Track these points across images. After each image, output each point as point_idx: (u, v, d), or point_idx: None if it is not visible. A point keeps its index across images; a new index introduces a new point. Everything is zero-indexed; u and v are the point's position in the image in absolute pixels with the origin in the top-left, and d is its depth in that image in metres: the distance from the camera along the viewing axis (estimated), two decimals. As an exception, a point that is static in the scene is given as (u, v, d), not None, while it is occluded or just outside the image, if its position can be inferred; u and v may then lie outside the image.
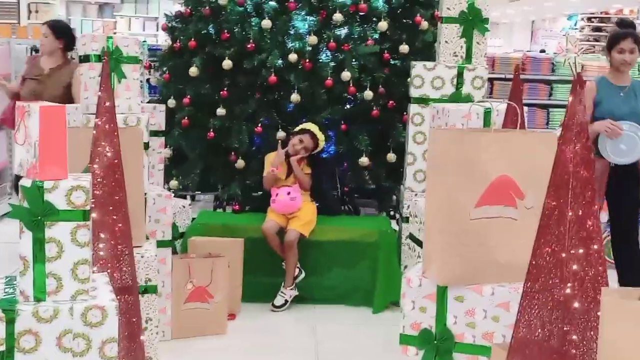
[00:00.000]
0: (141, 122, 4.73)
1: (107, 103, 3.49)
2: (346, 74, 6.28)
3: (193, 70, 6.49)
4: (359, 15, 6.56)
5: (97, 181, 3.43)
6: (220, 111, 6.47)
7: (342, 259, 6.10)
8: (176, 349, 5.22)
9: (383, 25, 6.42)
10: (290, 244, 5.93)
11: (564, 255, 2.87)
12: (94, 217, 3.27)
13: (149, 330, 4.52)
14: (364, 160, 6.36)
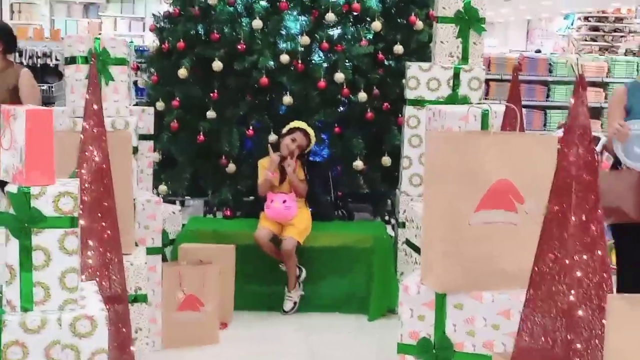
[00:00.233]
0: (130, 126, 4.68)
1: (95, 106, 3.43)
2: (339, 76, 6.22)
3: (182, 72, 6.41)
4: (352, 15, 6.50)
5: (85, 187, 3.37)
6: (210, 114, 6.39)
7: (337, 266, 6.03)
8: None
9: (377, 25, 6.36)
10: (288, 253, 5.86)
11: (568, 261, 2.82)
12: (82, 224, 3.22)
13: (139, 340, 4.47)
14: (359, 164, 6.30)
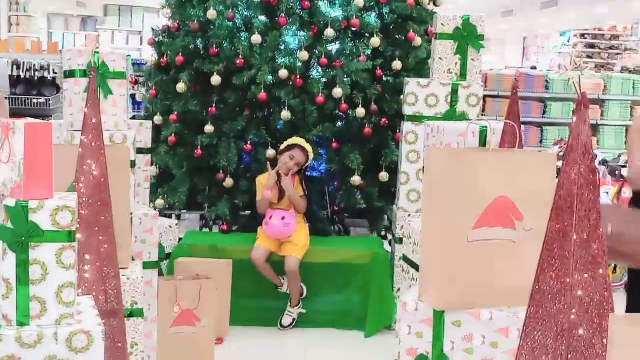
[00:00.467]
0: (127, 140, 4.65)
1: (94, 119, 3.39)
2: (337, 91, 6.20)
3: (180, 86, 6.39)
4: (351, 30, 6.49)
5: (83, 200, 3.33)
6: (208, 128, 6.37)
7: (333, 281, 6.01)
8: (162, 374, 5.11)
9: (375, 41, 6.34)
10: (292, 272, 5.84)
11: (569, 280, 2.79)
12: (79, 238, 3.17)
13: (135, 355, 4.39)
14: (356, 179, 6.26)
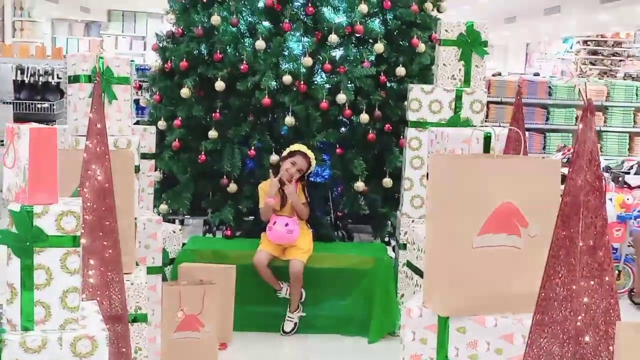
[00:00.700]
0: (132, 145, 4.65)
1: (99, 125, 3.39)
2: (342, 97, 6.18)
3: (184, 91, 6.38)
4: (355, 36, 6.48)
5: (87, 206, 3.33)
6: (212, 134, 6.35)
7: (337, 287, 5.99)
8: (166, 380, 5.09)
9: (379, 47, 6.33)
10: (297, 275, 5.84)
11: (575, 287, 2.79)
12: (84, 243, 3.17)
13: (139, 360, 4.41)
14: (360, 185, 6.24)
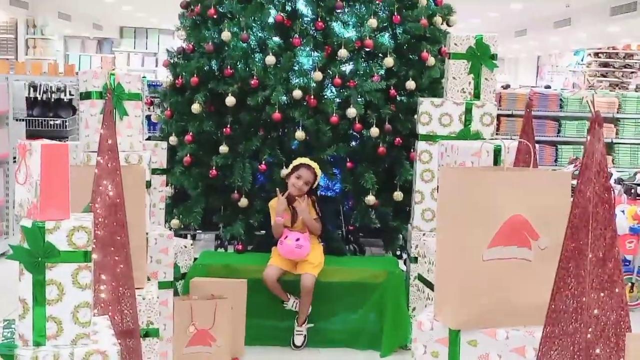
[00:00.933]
0: (143, 160, 4.66)
1: (110, 141, 3.41)
2: (352, 111, 6.18)
3: (195, 107, 6.40)
4: (365, 51, 6.48)
5: (99, 221, 3.35)
6: (223, 149, 6.36)
7: (349, 301, 5.98)
8: (178, 395, 5.11)
9: (389, 61, 6.34)
10: (308, 290, 5.82)
11: (585, 299, 2.78)
12: (95, 258, 3.18)
13: (150, 375, 4.41)
14: (370, 198, 6.23)
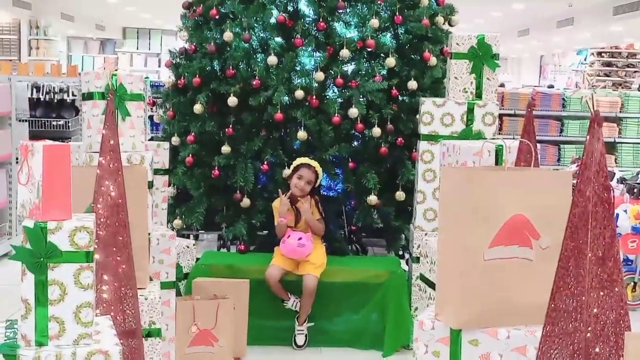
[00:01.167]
0: (145, 161, 4.67)
1: (112, 141, 3.42)
2: (354, 111, 6.18)
3: (197, 107, 6.41)
4: (367, 51, 6.48)
5: (101, 221, 3.36)
6: (225, 149, 6.37)
7: (351, 301, 5.98)
8: (180, 394, 5.11)
9: (391, 61, 6.33)
10: (310, 291, 5.83)
11: (584, 298, 2.79)
12: (97, 259, 3.20)
13: (153, 374, 4.42)
14: (373, 198, 6.23)
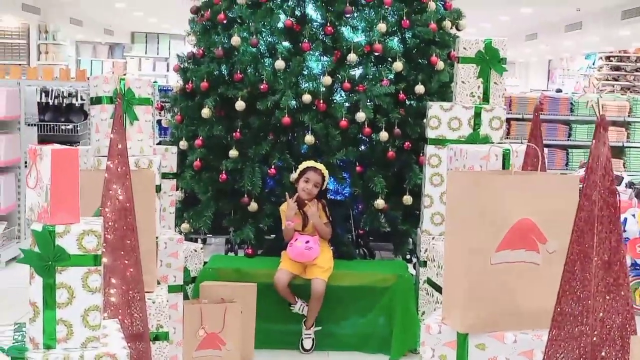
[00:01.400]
0: (153, 165, 4.68)
1: (120, 145, 3.43)
2: (361, 115, 6.19)
3: (205, 111, 6.43)
4: (374, 55, 6.50)
5: (109, 225, 3.37)
6: (232, 153, 6.40)
7: (358, 305, 5.98)
8: (188, 398, 5.11)
9: (398, 65, 6.35)
10: (318, 295, 5.83)
11: (590, 302, 2.79)
12: (105, 262, 3.21)
13: (160, 378, 4.42)
14: (380, 202, 6.24)
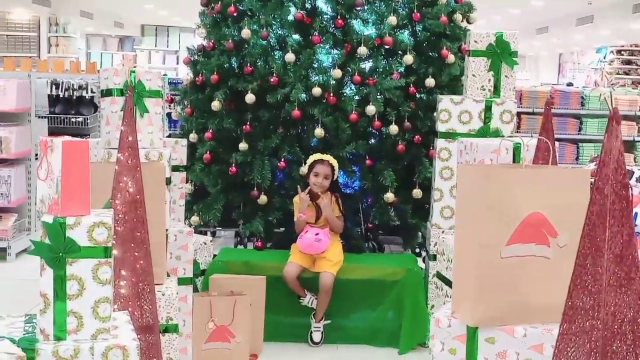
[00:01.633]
0: (163, 157, 4.68)
1: (130, 138, 3.44)
2: (371, 108, 6.18)
3: (215, 104, 6.43)
4: (384, 48, 6.47)
5: (119, 217, 3.37)
6: (242, 146, 6.39)
7: (367, 298, 5.98)
8: (197, 390, 5.12)
9: (409, 58, 6.33)
10: (327, 288, 5.83)
11: (602, 296, 2.78)
12: (115, 254, 3.21)
13: (170, 370, 4.43)
14: (389, 196, 6.23)
